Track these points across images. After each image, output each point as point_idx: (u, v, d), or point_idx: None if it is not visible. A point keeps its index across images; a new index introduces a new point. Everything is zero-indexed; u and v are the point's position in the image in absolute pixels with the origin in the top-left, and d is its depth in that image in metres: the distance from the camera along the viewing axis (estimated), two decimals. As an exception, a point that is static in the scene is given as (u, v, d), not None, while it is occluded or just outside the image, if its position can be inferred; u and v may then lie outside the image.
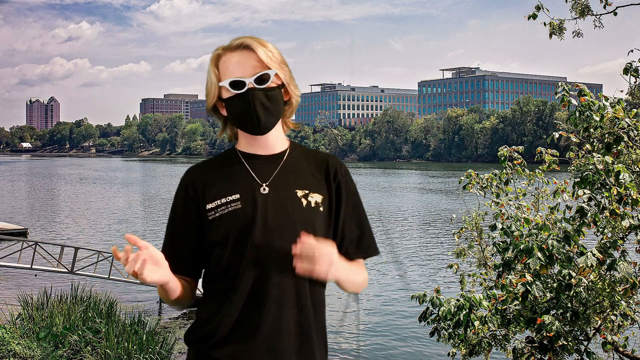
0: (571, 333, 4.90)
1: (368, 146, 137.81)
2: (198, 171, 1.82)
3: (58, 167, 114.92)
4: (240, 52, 1.75)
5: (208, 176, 1.79)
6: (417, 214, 38.14)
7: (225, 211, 1.73)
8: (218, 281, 1.75)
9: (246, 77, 1.73)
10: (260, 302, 1.69)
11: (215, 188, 1.76)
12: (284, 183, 1.77)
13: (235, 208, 1.72)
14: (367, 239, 1.86)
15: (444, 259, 21.92)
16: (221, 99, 1.79)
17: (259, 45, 1.75)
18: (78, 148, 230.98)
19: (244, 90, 1.73)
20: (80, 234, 30.14)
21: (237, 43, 1.76)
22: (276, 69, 1.75)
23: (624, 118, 4.93)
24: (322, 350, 1.79)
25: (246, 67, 1.74)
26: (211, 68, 1.78)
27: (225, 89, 1.76)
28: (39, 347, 9.86)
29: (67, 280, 17.07)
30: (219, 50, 1.79)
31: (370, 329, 14.92)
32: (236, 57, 1.75)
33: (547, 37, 9.21)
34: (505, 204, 5.61)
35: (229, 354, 1.69)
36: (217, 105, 1.83)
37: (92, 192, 57.21)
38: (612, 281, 4.86)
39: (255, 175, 1.78)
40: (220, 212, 1.73)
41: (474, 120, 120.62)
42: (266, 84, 1.74)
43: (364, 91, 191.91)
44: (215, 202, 1.74)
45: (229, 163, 1.82)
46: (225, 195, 1.74)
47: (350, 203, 1.83)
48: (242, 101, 1.73)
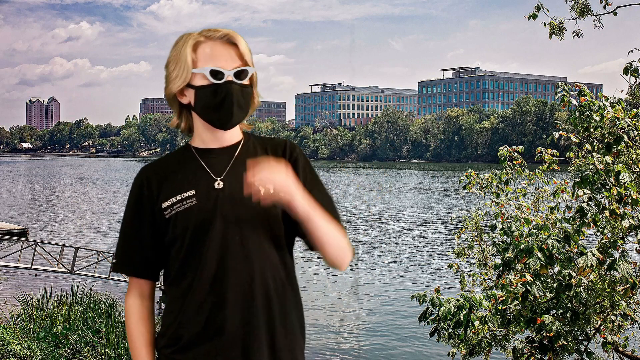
0: (571, 333, 4.90)
1: (368, 146, 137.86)
2: (151, 170, 1.77)
3: (58, 167, 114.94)
4: (222, 43, 1.72)
5: (162, 174, 1.75)
6: (417, 214, 38.14)
7: (181, 208, 1.69)
8: (178, 281, 1.71)
9: (226, 69, 1.69)
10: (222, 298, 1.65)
11: (170, 186, 1.72)
12: (239, 174, 1.70)
13: (191, 204, 1.68)
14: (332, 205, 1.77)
15: (444, 259, 21.93)
16: (190, 85, 1.73)
17: (241, 40, 1.73)
18: (78, 148, 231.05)
19: (223, 81, 1.69)
20: (80, 234, 30.14)
21: (220, 34, 1.72)
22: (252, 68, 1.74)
23: (624, 118, 4.93)
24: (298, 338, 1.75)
25: (227, 59, 1.70)
26: (187, 51, 1.71)
27: (201, 77, 1.70)
28: (39, 347, 9.86)
29: (67, 280, 17.08)
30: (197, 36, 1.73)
31: (370, 329, 14.92)
32: (218, 47, 1.71)
33: (547, 37, 9.21)
34: (505, 204, 5.61)
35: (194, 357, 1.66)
36: (176, 92, 1.76)
37: (92, 192, 57.22)
38: (612, 281, 4.86)
39: (209, 169, 1.74)
40: (177, 209, 1.69)
41: (474, 120, 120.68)
42: (243, 80, 1.72)
43: (364, 91, 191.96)
44: (170, 199, 1.70)
45: (183, 160, 1.78)
46: (180, 192, 1.70)
47: (308, 177, 1.78)
48: (218, 92, 1.69)
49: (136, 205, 1.76)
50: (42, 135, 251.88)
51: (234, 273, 1.66)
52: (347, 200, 44.55)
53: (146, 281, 1.79)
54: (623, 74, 5.97)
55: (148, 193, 1.74)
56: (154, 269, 1.79)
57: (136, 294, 1.78)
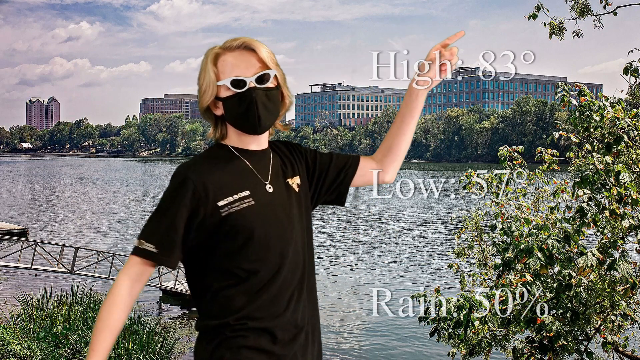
0: (571, 333, 4.90)
1: (368, 146, 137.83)
2: (197, 169, 1.77)
3: (58, 167, 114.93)
4: (240, 51, 1.77)
5: (210, 172, 1.77)
6: (417, 214, 38.13)
7: (240, 207, 1.73)
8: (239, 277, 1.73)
9: (247, 77, 1.74)
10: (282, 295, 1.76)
11: (222, 185, 1.75)
12: (278, 177, 1.84)
13: (249, 204, 1.74)
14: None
15: (444, 259, 21.93)
16: (218, 98, 1.79)
17: (259, 45, 1.77)
18: (78, 148, 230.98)
19: (245, 89, 1.74)
20: (80, 234, 30.15)
21: (237, 43, 1.77)
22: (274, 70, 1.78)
23: (624, 118, 4.93)
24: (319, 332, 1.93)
25: (247, 67, 1.75)
26: (209, 66, 1.77)
27: (225, 88, 1.76)
28: (39, 347, 9.86)
29: (67, 280, 17.08)
30: (217, 49, 1.79)
31: (370, 329, 14.93)
32: (236, 57, 1.76)
33: (547, 37, 9.21)
34: (505, 204, 5.61)
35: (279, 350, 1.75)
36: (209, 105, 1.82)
37: (92, 192, 57.23)
38: (612, 281, 4.86)
39: (256, 172, 1.81)
40: (235, 208, 1.73)
41: (474, 120, 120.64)
42: (266, 83, 1.76)
43: (364, 91, 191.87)
44: (227, 198, 1.73)
45: (226, 158, 1.81)
46: (236, 192, 1.75)
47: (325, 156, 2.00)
48: (243, 100, 1.74)
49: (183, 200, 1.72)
50: (42, 135, 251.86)
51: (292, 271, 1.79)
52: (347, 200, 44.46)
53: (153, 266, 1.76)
54: (623, 74, 5.97)
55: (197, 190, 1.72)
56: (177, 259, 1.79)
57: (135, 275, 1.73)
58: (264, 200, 1.77)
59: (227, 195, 1.74)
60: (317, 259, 23.81)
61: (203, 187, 1.73)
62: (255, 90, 1.74)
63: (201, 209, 1.73)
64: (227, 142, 1.84)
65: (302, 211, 1.86)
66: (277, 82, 1.80)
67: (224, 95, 1.77)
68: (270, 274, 1.74)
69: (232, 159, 1.81)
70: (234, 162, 1.80)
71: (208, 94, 1.78)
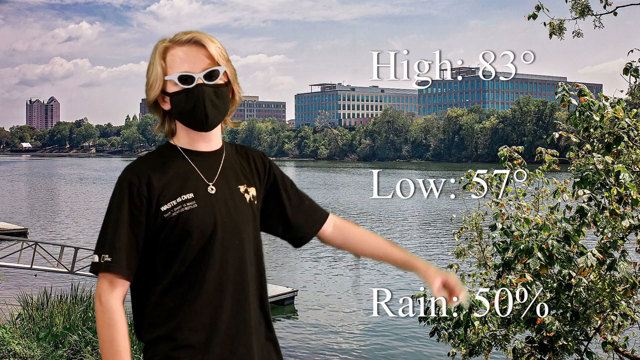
0: (571, 333, 4.90)
1: (368, 146, 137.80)
2: (141, 169, 1.73)
3: (58, 167, 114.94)
4: (190, 46, 1.72)
5: (154, 174, 1.72)
6: (417, 214, 38.13)
7: (182, 210, 1.69)
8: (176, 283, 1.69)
9: (195, 72, 1.70)
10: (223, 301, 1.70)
11: (167, 187, 1.71)
12: (227, 180, 1.78)
13: (192, 207, 1.69)
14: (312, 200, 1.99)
15: (444, 259, 21.92)
16: (165, 92, 1.74)
17: (209, 41, 1.73)
18: (78, 148, 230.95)
19: (193, 85, 1.70)
20: (80, 234, 30.13)
21: (187, 37, 1.72)
22: (224, 66, 1.74)
23: (624, 118, 4.93)
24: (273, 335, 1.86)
25: (195, 62, 1.71)
26: (157, 60, 1.73)
27: (172, 83, 1.72)
28: (39, 347, 9.86)
29: (67, 280, 17.07)
30: (167, 42, 1.75)
31: (370, 329, 14.92)
32: (185, 51, 1.72)
33: (547, 37, 9.21)
34: (505, 204, 5.61)
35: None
36: (157, 99, 1.78)
37: (92, 192, 57.22)
38: (612, 281, 4.86)
39: (202, 173, 1.75)
40: (177, 211, 1.68)
41: (474, 120, 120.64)
42: (215, 80, 1.72)
43: (364, 91, 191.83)
44: (171, 201, 1.69)
45: (172, 160, 1.76)
46: (180, 195, 1.70)
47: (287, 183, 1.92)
48: (190, 97, 1.70)
49: (130, 205, 1.69)
50: (42, 135, 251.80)
51: (234, 276, 1.72)
52: (347, 200, 44.56)
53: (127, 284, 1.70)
54: (623, 74, 5.97)
55: (142, 193, 1.69)
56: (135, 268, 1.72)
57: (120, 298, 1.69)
58: (206, 201, 1.71)
59: (170, 198, 1.70)
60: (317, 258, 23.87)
61: (142, 185, 1.70)
62: (203, 87, 1.70)
63: (144, 211, 1.69)
64: (175, 141, 1.80)
65: (250, 223, 1.78)
66: (227, 79, 1.75)
67: (171, 91, 1.73)
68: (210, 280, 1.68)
69: (178, 159, 1.76)
70: (180, 164, 1.75)
71: (155, 88, 1.74)
